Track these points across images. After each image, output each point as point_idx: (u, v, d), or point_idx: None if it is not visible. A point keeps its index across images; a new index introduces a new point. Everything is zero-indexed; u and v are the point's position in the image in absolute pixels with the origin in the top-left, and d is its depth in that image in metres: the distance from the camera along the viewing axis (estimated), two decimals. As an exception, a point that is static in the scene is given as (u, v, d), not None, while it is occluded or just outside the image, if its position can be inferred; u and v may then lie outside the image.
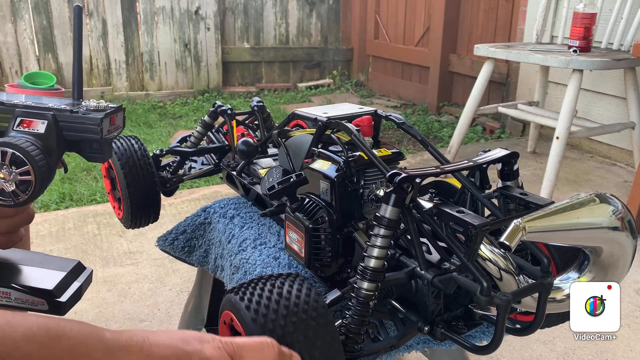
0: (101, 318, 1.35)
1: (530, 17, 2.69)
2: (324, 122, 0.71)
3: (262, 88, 4.01)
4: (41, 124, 0.48)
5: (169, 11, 3.67)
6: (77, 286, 0.55)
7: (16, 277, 0.54)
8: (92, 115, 0.49)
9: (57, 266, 0.56)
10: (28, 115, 0.48)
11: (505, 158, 0.59)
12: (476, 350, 0.54)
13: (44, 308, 0.52)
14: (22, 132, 0.47)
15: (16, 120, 0.48)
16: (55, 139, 0.48)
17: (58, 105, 0.50)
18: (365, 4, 4.11)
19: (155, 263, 1.61)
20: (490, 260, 0.51)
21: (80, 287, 0.55)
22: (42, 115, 0.48)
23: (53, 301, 0.52)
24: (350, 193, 0.66)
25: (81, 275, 0.57)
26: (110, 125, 0.51)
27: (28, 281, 0.53)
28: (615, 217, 0.49)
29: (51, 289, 0.52)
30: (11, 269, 0.55)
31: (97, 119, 0.49)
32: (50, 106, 0.49)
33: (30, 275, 0.54)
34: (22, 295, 0.52)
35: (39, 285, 0.52)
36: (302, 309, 0.51)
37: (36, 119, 0.48)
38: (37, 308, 0.52)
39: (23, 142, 0.46)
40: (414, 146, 2.78)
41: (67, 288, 0.54)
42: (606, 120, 2.35)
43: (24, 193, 0.46)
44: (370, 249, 0.54)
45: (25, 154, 0.45)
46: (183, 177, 0.98)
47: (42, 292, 0.52)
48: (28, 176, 0.46)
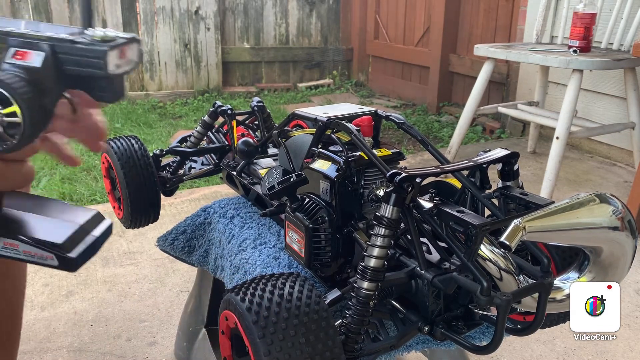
0: (101, 318, 1.35)
1: (530, 17, 2.69)
2: (324, 122, 0.71)
3: (262, 88, 4.01)
4: (37, 56, 0.41)
5: (169, 11, 3.67)
6: (92, 240, 0.49)
7: (25, 228, 0.47)
8: (96, 47, 0.41)
9: (72, 216, 0.49)
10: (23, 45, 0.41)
11: (505, 158, 0.59)
12: (476, 350, 0.54)
13: (54, 263, 0.46)
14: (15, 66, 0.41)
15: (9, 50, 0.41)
16: (53, 74, 0.42)
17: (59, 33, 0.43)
18: (365, 4, 4.11)
19: (155, 263, 1.61)
20: (490, 260, 0.51)
21: (96, 241, 0.49)
22: (38, 46, 0.41)
23: (63, 256, 0.46)
24: (351, 193, 0.66)
25: (98, 227, 0.50)
26: (120, 59, 0.43)
27: (37, 233, 0.47)
28: (615, 217, 0.49)
29: (60, 242, 0.46)
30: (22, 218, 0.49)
31: (101, 51, 0.41)
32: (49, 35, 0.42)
33: (41, 226, 0.48)
34: (29, 248, 0.46)
35: (48, 238, 0.46)
36: (303, 311, 0.51)
37: (32, 49, 0.41)
38: (47, 263, 0.47)
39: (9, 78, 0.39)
40: (414, 146, 2.78)
41: (80, 242, 0.48)
42: (606, 120, 2.35)
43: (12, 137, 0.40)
44: (371, 248, 0.54)
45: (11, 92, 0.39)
46: (183, 177, 0.98)
47: (50, 245, 0.46)
48: (15, 118, 0.39)
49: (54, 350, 1.24)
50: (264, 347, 0.49)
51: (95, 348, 1.25)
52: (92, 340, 1.28)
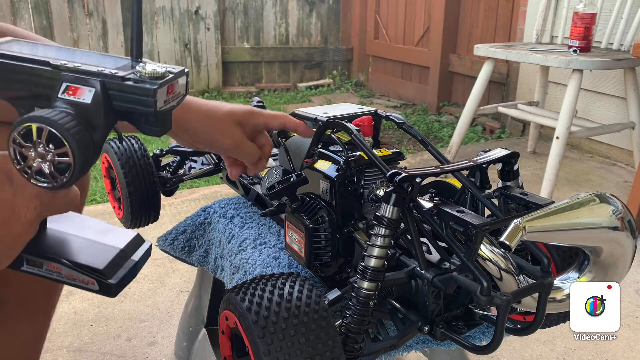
0: (101, 318, 1.35)
1: (530, 17, 2.69)
2: (324, 122, 0.71)
3: (262, 88, 4.01)
4: (87, 92, 0.41)
5: (168, 11, 3.67)
6: (132, 265, 0.49)
7: (68, 251, 0.48)
8: (145, 85, 0.41)
9: (113, 239, 0.50)
10: (74, 80, 0.41)
11: (505, 158, 0.59)
12: (476, 350, 0.54)
13: (95, 288, 0.47)
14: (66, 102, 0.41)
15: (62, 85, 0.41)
16: (102, 110, 0.41)
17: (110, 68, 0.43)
18: (365, 4, 4.11)
19: (155, 263, 1.61)
20: (491, 260, 0.51)
21: (136, 265, 0.50)
22: (89, 82, 0.41)
23: (103, 282, 0.47)
24: (351, 193, 0.66)
25: (138, 250, 0.51)
26: (168, 94, 0.43)
27: (79, 257, 0.47)
28: (615, 217, 0.49)
29: (101, 268, 0.47)
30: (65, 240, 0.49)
31: (150, 90, 0.41)
32: (100, 70, 0.42)
33: (83, 250, 0.48)
34: (72, 271, 0.47)
35: (90, 263, 0.47)
36: (304, 311, 0.51)
37: (83, 85, 0.41)
38: (88, 287, 0.47)
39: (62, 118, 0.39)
40: (414, 146, 2.78)
41: (121, 267, 0.48)
42: (606, 120, 2.35)
43: (62, 175, 0.40)
44: (371, 248, 0.54)
45: (64, 133, 0.39)
46: (183, 177, 0.98)
47: (92, 270, 0.47)
48: (66, 158, 0.39)
49: (54, 350, 1.24)
50: (264, 347, 0.49)
51: (95, 348, 1.25)
52: (92, 340, 1.28)
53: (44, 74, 0.42)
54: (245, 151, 0.71)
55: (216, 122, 0.70)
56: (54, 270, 0.47)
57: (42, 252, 0.47)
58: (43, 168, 0.40)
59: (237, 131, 0.71)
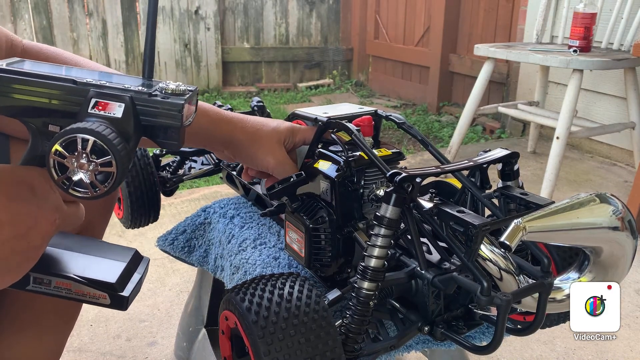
0: (101, 318, 1.35)
1: (530, 17, 2.69)
2: (324, 122, 0.71)
3: (262, 88, 4.01)
4: (118, 107, 0.42)
5: (168, 11, 3.67)
6: (138, 278, 0.50)
7: (75, 267, 0.49)
8: (173, 100, 0.43)
9: (116, 255, 0.51)
10: (104, 96, 0.43)
11: (505, 158, 0.59)
12: (476, 350, 0.54)
13: (106, 302, 0.48)
14: (98, 116, 0.42)
15: (91, 101, 0.43)
16: (132, 124, 0.43)
17: (134, 85, 0.44)
18: (365, 4, 4.11)
19: (155, 263, 1.61)
20: (491, 260, 0.51)
21: (140, 279, 0.51)
22: (119, 98, 0.43)
23: (116, 295, 0.48)
24: (351, 193, 0.66)
25: (140, 265, 0.52)
26: (189, 110, 0.46)
27: (88, 272, 0.48)
28: (615, 217, 0.49)
29: (113, 282, 0.48)
30: (71, 257, 0.50)
31: (178, 105, 0.43)
32: (127, 87, 0.44)
33: (90, 266, 0.49)
34: (82, 287, 0.48)
35: (101, 278, 0.48)
36: (304, 311, 0.51)
37: (113, 101, 0.43)
38: (99, 302, 0.48)
39: (104, 129, 0.40)
40: (414, 146, 2.78)
41: (129, 281, 0.50)
42: (606, 120, 2.35)
43: (102, 184, 0.41)
44: (371, 248, 0.54)
45: (108, 143, 0.40)
46: (183, 177, 0.98)
47: (104, 284, 0.48)
48: (109, 167, 0.41)
49: (54, 350, 1.24)
50: (264, 347, 0.49)
51: (95, 348, 1.25)
52: (92, 340, 1.28)
53: (70, 91, 0.43)
54: (285, 170, 0.71)
55: (261, 141, 0.71)
56: (63, 287, 0.48)
57: (48, 269, 0.48)
58: (83, 178, 0.41)
59: (281, 151, 0.71)
